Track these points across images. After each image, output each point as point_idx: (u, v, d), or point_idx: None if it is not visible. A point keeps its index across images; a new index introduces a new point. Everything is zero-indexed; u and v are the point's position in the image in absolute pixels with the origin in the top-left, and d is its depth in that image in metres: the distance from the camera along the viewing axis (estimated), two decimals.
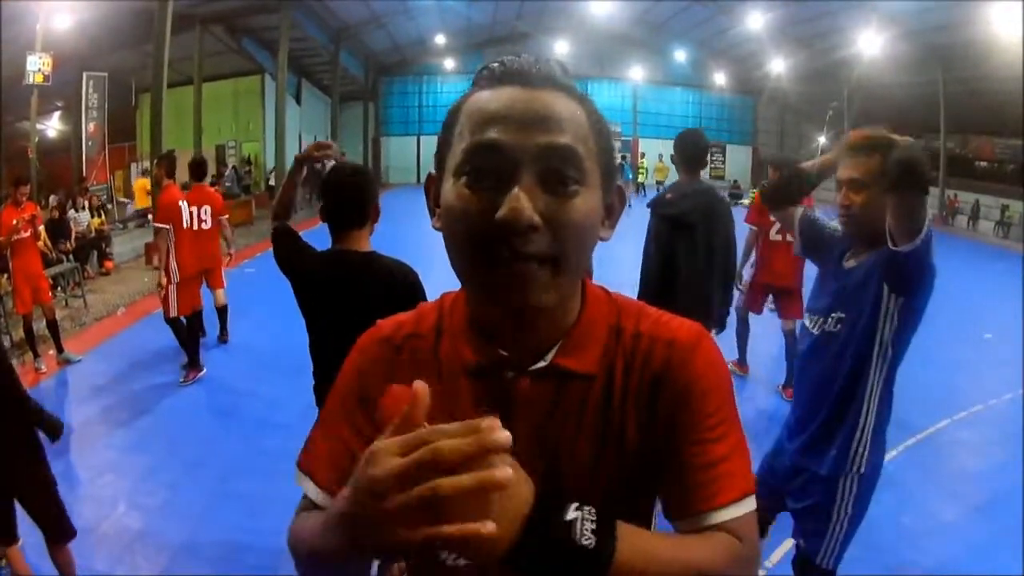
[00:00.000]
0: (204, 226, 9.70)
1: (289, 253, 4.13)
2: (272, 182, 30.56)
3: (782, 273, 8.67)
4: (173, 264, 9.32)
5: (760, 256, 8.86)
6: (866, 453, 3.56)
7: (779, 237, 8.49)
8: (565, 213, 1.17)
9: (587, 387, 1.32)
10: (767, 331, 10.03)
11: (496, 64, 1.29)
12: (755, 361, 9.64)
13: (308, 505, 1.39)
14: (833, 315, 3.53)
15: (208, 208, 9.76)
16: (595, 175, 1.24)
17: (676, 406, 1.32)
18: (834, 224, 3.88)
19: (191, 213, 9.51)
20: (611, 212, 1.35)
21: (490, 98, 1.22)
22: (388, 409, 1.03)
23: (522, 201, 1.12)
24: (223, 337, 10.86)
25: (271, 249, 4.25)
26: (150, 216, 9.65)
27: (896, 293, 3.34)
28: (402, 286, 3.76)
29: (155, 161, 10.92)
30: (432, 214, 1.33)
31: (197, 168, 9.99)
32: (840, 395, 3.54)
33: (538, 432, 1.30)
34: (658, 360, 1.34)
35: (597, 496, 1.25)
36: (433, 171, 1.35)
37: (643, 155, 45.08)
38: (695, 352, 1.35)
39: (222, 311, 10.78)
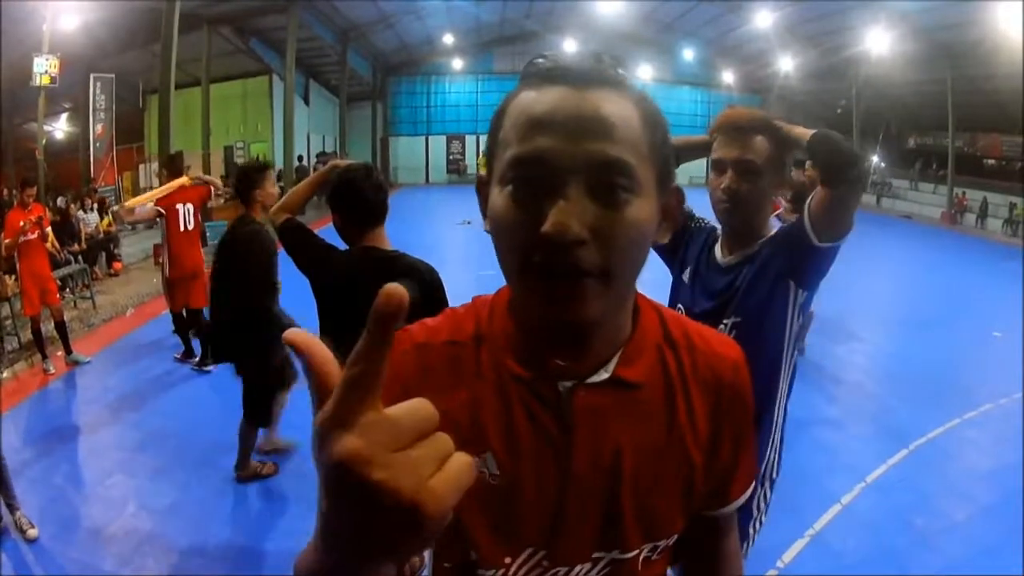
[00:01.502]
0: (190, 227, 9.70)
1: (308, 251, 4.12)
2: (281, 183, 30.54)
3: None
4: (165, 259, 9.64)
5: None
6: (778, 458, 3.31)
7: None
8: (615, 225, 1.11)
9: (645, 397, 1.30)
10: None
11: (542, 60, 1.22)
12: None
13: None
14: (726, 321, 3.08)
15: (191, 207, 9.73)
16: (649, 180, 1.17)
17: (731, 416, 1.39)
18: (687, 209, 3.42)
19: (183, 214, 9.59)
20: (668, 214, 1.27)
21: (536, 100, 1.16)
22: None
23: (568, 215, 1.07)
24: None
25: (279, 250, 4.26)
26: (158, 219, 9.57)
27: (804, 288, 3.06)
28: (426, 285, 3.77)
29: (160, 162, 10.93)
30: (484, 216, 1.27)
31: (171, 164, 10.03)
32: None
33: (597, 442, 1.26)
34: (715, 374, 1.37)
35: (655, 505, 1.31)
36: (483, 172, 1.30)
37: None
38: (743, 367, 1.44)
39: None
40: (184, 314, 9.88)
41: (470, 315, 1.38)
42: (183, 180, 9.86)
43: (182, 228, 9.57)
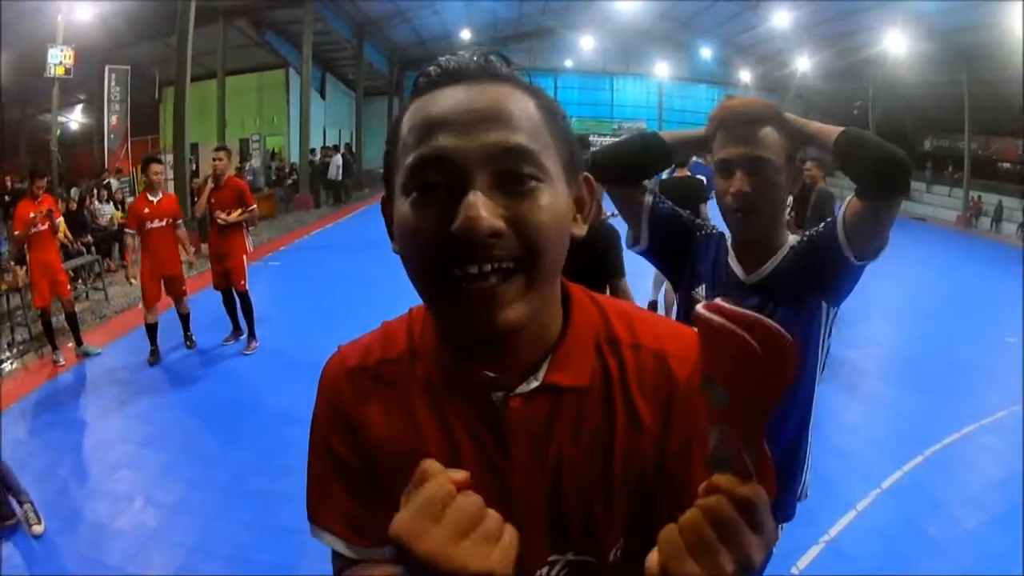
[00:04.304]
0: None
1: None
2: (296, 176, 30.50)
3: None
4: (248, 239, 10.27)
5: None
6: (808, 478, 3.09)
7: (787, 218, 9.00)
8: (528, 212, 1.07)
9: (583, 401, 1.25)
10: None
11: (432, 67, 1.19)
12: None
13: (343, 564, 1.35)
14: None
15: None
16: (556, 168, 1.14)
17: (686, 421, 1.28)
18: (687, 216, 3.10)
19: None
20: (582, 205, 1.24)
21: (429, 103, 1.13)
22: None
23: (479, 208, 1.03)
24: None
25: (295, 243, 4.24)
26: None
27: (836, 306, 2.77)
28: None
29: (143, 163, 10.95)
30: (392, 238, 1.22)
31: (146, 165, 10.09)
32: (787, 447, 2.92)
33: (536, 452, 1.23)
34: (665, 373, 1.28)
35: (601, 512, 1.26)
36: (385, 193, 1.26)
37: None
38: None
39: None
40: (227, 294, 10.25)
41: (403, 328, 1.36)
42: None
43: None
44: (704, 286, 2.90)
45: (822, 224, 2.69)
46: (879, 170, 2.41)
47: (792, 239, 2.76)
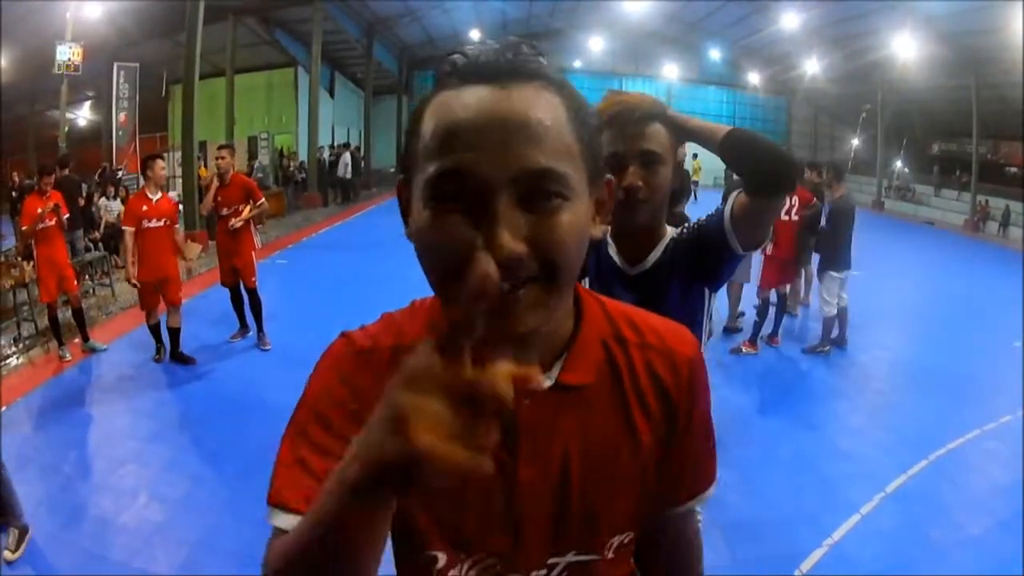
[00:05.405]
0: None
1: None
2: (305, 174, 30.50)
3: (787, 247, 10.50)
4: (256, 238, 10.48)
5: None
6: None
7: (785, 217, 10.22)
8: (551, 231, 1.04)
9: (592, 400, 1.27)
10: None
11: (458, 56, 1.12)
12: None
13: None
14: None
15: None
16: (582, 179, 1.11)
17: (687, 415, 1.35)
18: None
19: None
20: (601, 208, 1.22)
21: (455, 104, 1.07)
22: None
23: (502, 235, 0.99)
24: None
25: (302, 241, 4.22)
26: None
27: (715, 291, 2.88)
28: None
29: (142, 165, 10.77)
30: (405, 221, 1.19)
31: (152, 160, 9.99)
32: None
33: (543, 451, 1.24)
34: (671, 372, 1.34)
35: (606, 508, 1.29)
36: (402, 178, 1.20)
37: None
38: (698, 362, 1.39)
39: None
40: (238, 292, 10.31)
41: (407, 320, 1.34)
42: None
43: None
44: (588, 279, 2.96)
45: (707, 216, 2.79)
46: (765, 170, 2.53)
47: (672, 231, 2.85)
